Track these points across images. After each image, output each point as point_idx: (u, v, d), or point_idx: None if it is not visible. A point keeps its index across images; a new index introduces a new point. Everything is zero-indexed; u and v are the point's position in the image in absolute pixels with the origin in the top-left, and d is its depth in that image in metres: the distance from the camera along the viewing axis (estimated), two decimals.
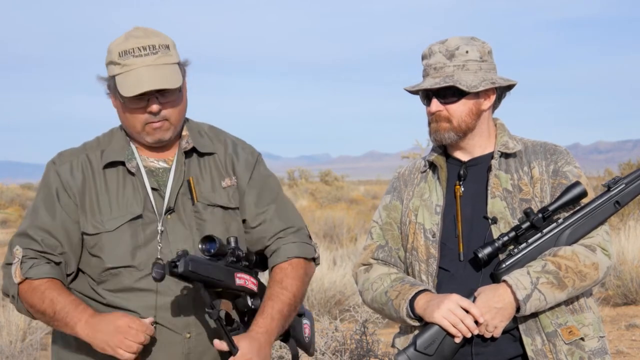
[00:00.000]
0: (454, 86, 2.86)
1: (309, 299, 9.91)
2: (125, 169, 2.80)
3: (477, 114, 2.92)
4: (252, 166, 2.90)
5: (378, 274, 2.99)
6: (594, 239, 2.86)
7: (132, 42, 2.72)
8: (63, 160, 2.82)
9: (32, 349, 7.34)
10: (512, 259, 2.83)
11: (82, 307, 2.68)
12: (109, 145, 2.83)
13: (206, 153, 2.86)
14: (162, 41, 2.74)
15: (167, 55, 2.73)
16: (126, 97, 2.69)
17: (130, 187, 2.78)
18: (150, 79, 2.68)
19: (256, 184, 2.88)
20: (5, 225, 24.35)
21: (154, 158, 2.83)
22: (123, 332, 2.59)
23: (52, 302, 2.67)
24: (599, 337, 2.89)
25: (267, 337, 2.70)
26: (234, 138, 2.96)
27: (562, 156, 2.95)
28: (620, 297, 9.93)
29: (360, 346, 6.04)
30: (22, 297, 2.71)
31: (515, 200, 2.90)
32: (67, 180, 2.78)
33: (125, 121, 2.78)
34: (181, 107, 2.79)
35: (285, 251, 2.83)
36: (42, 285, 2.68)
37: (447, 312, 2.77)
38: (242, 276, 2.71)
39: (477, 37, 2.97)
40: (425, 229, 2.95)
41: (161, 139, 2.77)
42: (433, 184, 3.00)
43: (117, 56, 2.71)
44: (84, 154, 2.83)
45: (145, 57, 2.69)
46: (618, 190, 2.92)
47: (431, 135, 2.95)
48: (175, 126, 2.79)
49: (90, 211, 2.76)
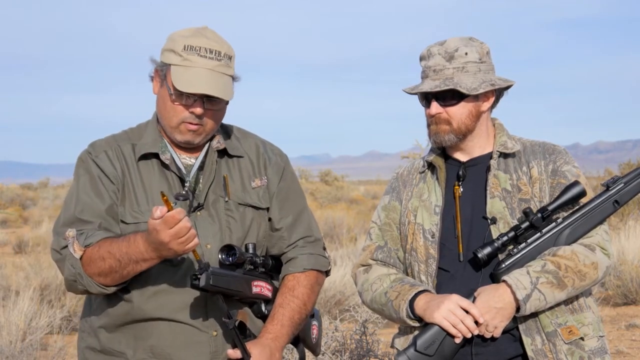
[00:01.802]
0: (454, 89, 2.86)
1: None
2: (158, 162, 2.80)
3: (476, 115, 2.93)
4: (282, 169, 2.94)
5: (377, 275, 2.99)
6: (593, 238, 2.86)
7: (201, 40, 2.73)
8: (98, 150, 2.81)
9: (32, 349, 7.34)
10: (511, 259, 2.83)
11: (133, 237, 2.61)
12: (140, 139, 2.83)
13: (235, 155, 2.88)
14: (227, 51, 2.76)
15: (227, 66, 2.76)
16: (178, 90, 2.69)
17: (165, 181, 2.78)
18: (209, 83, 2.69)
19: (284, 189, 2.92)
20: (5, 225, 24.34)
21: (185, 155, 2.84)
22: (175, 236, 2.50)
23: (111, 255, 2.61)
24: (598, 337, 2.89)
25: (277, 344, 2.76)
26: (262, 139, 2.99)
27: (560, 156, 2.95)
28: (620, 297, 9.93)
29: (360, 346, 6.04)
30: (87, 272, 2.65)
31: (514, 200, 2.90)
32: (108, 168, 2.77)
33: (164, 112, 2.78)
34: (219, 117, 2.80)
35: (302, 261, 2.88)
36: (95, 248, 2.63)
37: (447, 313, 2.77)
38: (259, 284, 2.79)
39: (475, 38, 2.96)
40: (424, 230, 2.95)
41: (191, 142, 2.78)
42: (432, 184, 3.00)
43: (181, 47, 2.72)
44: (116, 144, 2.83)
45: (209, 60, 2.71)
46: (617, 190, 2.92)
47: (431, 137, 2.95)
48: (208, 134, 2.80)
49: (129, 200, 2.76)
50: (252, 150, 2.91)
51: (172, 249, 2.53)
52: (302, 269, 2.87)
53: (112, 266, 2.62)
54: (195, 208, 2.77)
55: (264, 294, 2.81)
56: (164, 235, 2.49)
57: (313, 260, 2.90)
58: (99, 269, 2.63)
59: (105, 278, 2.65)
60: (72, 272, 2.67)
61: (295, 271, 2.87)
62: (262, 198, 2.87)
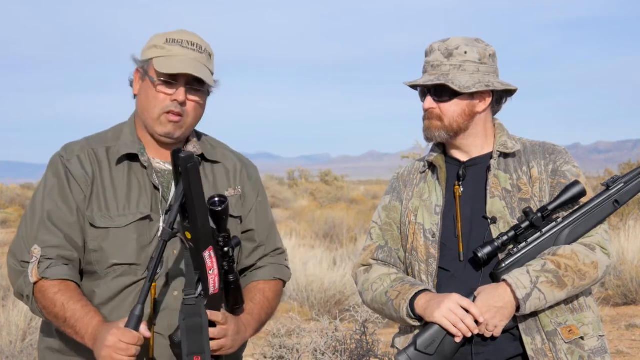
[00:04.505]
0: (447, 85, 2.87)
1: (309, 299, 9.93)
2: (130, 165, 2.81)
3: (470, 115, 2.93)
4: (259, 184, 3.01)
5: (378, 275, 2.99)
6: (593, 237, 2.87)
7: (183, 35, 2.81)
8: (70, 154, 2.82)
9: (32, 349, 7.34)
10: (511, 258, 2.83)
11: (90, 315, 2.64)
12: (116, 141, 2.84)
13: (213, 161, 2.91)
14: (208, 48, 2.85)
15: (208, 61, 2.83)
16: (162, 73, 2.74)
17: (137, 184, 2.79)
18: (192, 67, 2.75)
19: (261, 203, 3.00)
20: (5, 225, 24.34)
21: (160, 160, 2.85)
22: (113, 348, 2.52)
23: (63, 308, 2.65)
24: (598, 336, 2.89)
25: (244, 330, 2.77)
26: (232, 150, 3.04)
27: (560, 156, 2.95)
28: (620, 297, 9.94)
29: (360, 346, 6.04)
30: (36, 297, 2.69)
31: (514, 200, 2.91)
32: (78, 171, 2.78)
33: (145, 104, 2.80)
34: (199, 113, 2.84)
35: (272, 271, 2.97)
36: (54, 287, 2.66)
37: (448, 312, 2.77)
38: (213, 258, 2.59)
39: (481, 39, 2.97)
40: (424, 229, 2.95)
41: (171, 134, 2.79)
42: (432, 184, 3.00)
43: (163, 41, 2.79)
44: (90, 147, 2.84)
45: (191, 51, 2.78)
46: (617, 189, 2.93)
47: (423, 132, 2.97)
48: (188, 128, 2.83)
49: (97, 204, 2.77)
50: (227, 160, 2.96)
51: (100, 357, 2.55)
52: (272, 277, 2.97)
53: (58, 316, 2.66)
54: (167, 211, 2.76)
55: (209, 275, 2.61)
56: (105, 354, 2.51)
57: (281, 272, 3.00)
58: (47, 306, 2.68)
59: (48, 315, 2.70)
60: (22, 290, 2.72)
61: (266, 278, 2.95)
62: (235, 206, 2.90)
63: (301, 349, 6.25)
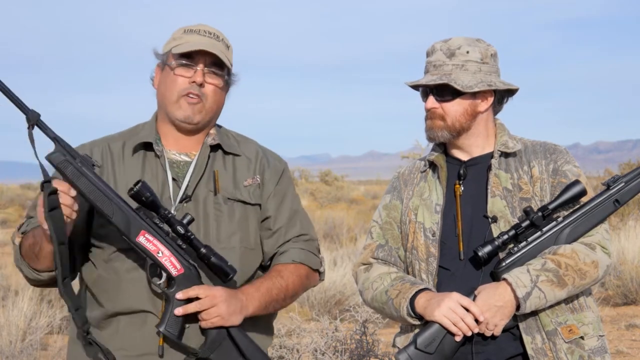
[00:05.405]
0: (449, 85, 2.87)
1: (309, 299, 9.92)
2: (145, 154, 2.82)
3: (472, 114, 2.93)
4: (280, 173, 2.95)
5: (378, 273, 2.99)
6: (593, 237, 2.87)
7: (201, 26, 2.85)
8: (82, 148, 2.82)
9: (32, 349, 7.34)
10: (512, 257, 2.84)
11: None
12: (135, 135, 2.87)
13: (231, 153, 2.90)
14: (226, 40, 2.87)
15: (226, 50, 2.85)
16: (179, 54, 2.76)
17: (149, 173, 2.80)
18: (209, 46, 2.78)
19: (280, 191, 2.92)
20: (5, 225, 24.34)
21: (177, 151, 2.86)
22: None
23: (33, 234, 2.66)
24: (598, 336, 2.89)
25: (244, 298, 2.70)
26: (262, 146, 3.01)
27: (561, 155, 2.96)
28: (620, 297, 9.94)
29: (360, 346, 6.04)
30: (24, 258, 2.71)
31: (515, 199, 2.91)
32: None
33: (164, 90, 2.82)
34: (219, 98, 2.85)
35: (292, 254, 2.85)
36: (29, 234, 2.69)
37: (448, 311, 2.77)
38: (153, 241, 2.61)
39: (483, 39, 2.97)
40: (425, 228, 2.96)
41: (190, 118, 2.80)
42: (433, 183, 3.01)
43: (182, 32, 2.84)
44: (105, 142, 2.87)
45: (209, 38, 2.81)
46: (617, 189, 2.93)
47: (425, 132, 2.97)
48: (207, 113, 2.83)
49: None
50: (251, 153, 2.93)
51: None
52: (291, 260, 2.84)
53: (34, 247, 2.66)
54: (183, 199, 2.78)
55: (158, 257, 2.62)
56: None
57: (303, 255, 2.87)
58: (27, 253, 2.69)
59: (36, 262, 2.69)
60: (17, 262, 2.74)
61: (285, 262, 2.85)
62: (253, 195, 2.87)
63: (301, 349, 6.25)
